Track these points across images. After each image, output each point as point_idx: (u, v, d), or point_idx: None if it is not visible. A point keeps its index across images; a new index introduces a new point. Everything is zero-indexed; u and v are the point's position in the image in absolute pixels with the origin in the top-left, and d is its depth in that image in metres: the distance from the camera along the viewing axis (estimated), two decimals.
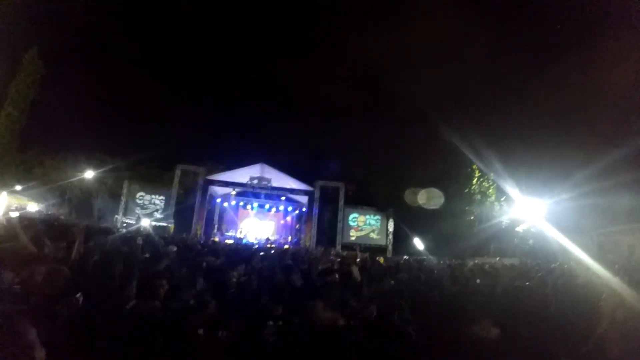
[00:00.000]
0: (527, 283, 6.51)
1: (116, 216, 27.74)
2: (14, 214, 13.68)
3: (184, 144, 30.91)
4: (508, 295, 5.35)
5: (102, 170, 27.93)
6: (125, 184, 28.43)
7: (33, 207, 27.05)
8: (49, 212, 25.65)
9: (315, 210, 29.24)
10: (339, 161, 31.41)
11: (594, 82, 16.91)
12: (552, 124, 19.50)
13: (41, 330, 2.27)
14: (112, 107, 28.87)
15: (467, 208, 25.43)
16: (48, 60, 27.59)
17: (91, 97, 28.36)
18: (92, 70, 28.08)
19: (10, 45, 24.46)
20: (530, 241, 21.21)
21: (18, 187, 25.68)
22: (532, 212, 19.53)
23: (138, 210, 28.26)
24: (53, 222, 12.65)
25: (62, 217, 23.24)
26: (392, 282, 6.60)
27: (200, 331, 3.30)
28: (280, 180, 29.73)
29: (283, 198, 31.38)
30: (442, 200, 25.91)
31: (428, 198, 26.79)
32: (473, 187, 25.27)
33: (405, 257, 20.71)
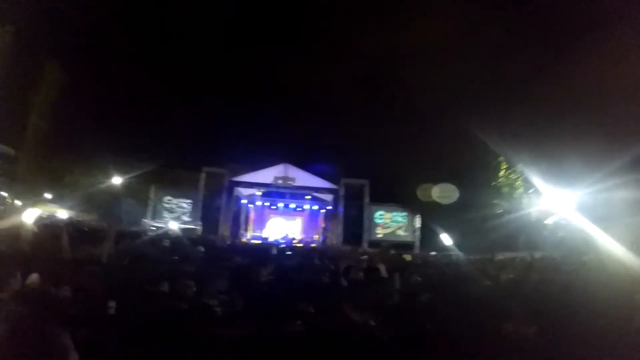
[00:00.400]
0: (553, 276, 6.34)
1: (144, 220, 28.29)
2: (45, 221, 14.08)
3: (208, 146, 31.05)
4: (538, 290, 5.22)
5: (129, 176, 28.46)
6: (152, 189, 29.10)
7: (63, 214, 27.81)
8: (79, 218, 26.33)
9: (341, 209, 29.22)
10: (364, 158, 31.09)
11: (629, 65, 16.34)
12: (582, 111, 18.90)
13: (73, 333, 2.32)
14: (135, 113, 29.18)
15: (494, 201, 24.97)
16: (67, 67, 28.14)
17: (113, 104, 28.77)
18: (111, 75, 28.43)
19: (28, 54, 25.12)
20: (561, 233, 20.69)
21: (48, 196, 26.33)
22: (561, 204, 19.05)
23: (166, 214, 28.83)
24: (84, 228, 12.95)
25: (92, 222, 23.79)
26: (419, 278, 6.52)
27: (226, 331, 3.31)
28: (305, 179, 29.82)
29: (308, 197, 31.50)
30: (456, 195, 25.60)
31: (448, 193, 26.49)
32: (500, 180, 24.80)
33: (433, 253, 20.51)
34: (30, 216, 5.08)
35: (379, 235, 29.57)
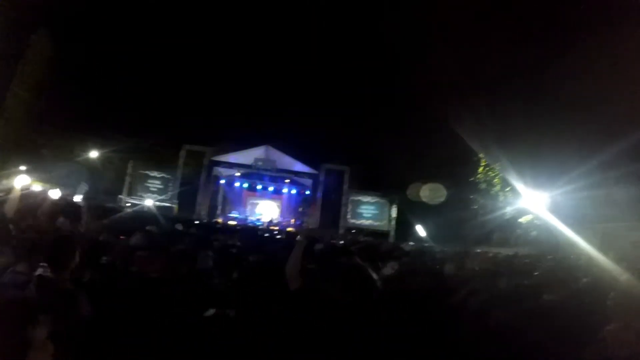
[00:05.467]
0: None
1: (120, 196, 27.91)
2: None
3: (190, 123, 30.56)
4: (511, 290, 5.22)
5: (107, 150, 27.71)
6: (130, 164, 28.59)
7: (37, 187, 27.11)
8: (54, 191, 25.60)
9: (319, 194, 29.40)
10: (345, 145, 31.20)
11: (598, 76, 16.79)
12: (557, 116, 19.39)
13: None
14: (117, 84, 28.50)
15: (471, 197, 25.40)
16: (56, 39, 27.35)
17: (98, 77, 28.06)
18: (93, 46, 27.68)
19: (17, 23, 24.26)
20: (534, 232, 21.24)
21: (22, 167, 25.70)
22: (535, 204, 19.54)
23: (142, 191, 28.33)
24: (67, 202, 12.64)
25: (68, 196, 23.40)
26: (396, 267, 6.62)
27: (211, 311, 3.39)
28: (285, 162, 29.86)
29: (287, 180, 31.52)
30: (444, 195, 26.04)
31: (431, 192, 26.88)
32: (479, 176, 25.19)
33: (411, 242, 20.84)
34: (19, 185, 5.03)
35: (356, 222, 29.90)
